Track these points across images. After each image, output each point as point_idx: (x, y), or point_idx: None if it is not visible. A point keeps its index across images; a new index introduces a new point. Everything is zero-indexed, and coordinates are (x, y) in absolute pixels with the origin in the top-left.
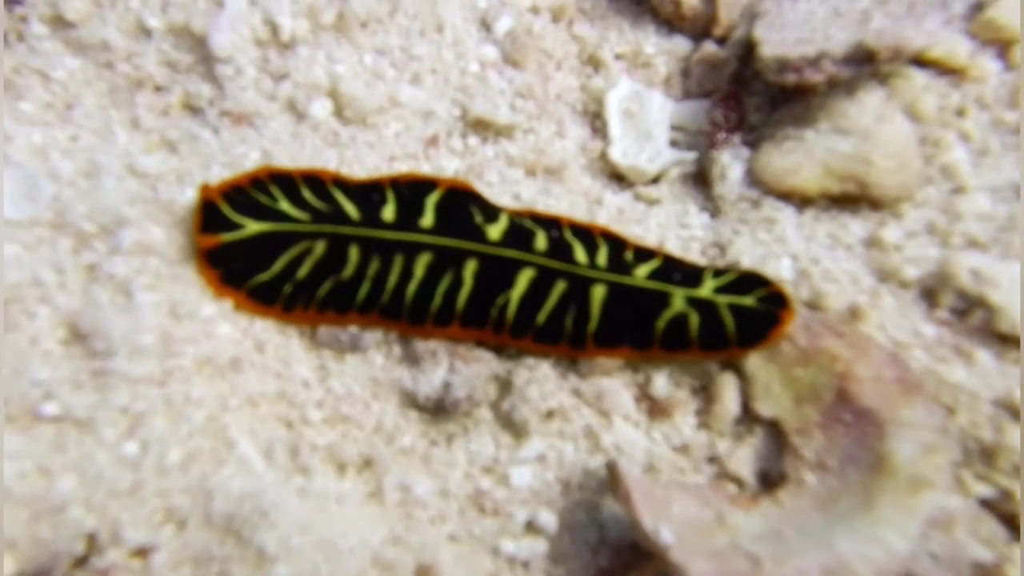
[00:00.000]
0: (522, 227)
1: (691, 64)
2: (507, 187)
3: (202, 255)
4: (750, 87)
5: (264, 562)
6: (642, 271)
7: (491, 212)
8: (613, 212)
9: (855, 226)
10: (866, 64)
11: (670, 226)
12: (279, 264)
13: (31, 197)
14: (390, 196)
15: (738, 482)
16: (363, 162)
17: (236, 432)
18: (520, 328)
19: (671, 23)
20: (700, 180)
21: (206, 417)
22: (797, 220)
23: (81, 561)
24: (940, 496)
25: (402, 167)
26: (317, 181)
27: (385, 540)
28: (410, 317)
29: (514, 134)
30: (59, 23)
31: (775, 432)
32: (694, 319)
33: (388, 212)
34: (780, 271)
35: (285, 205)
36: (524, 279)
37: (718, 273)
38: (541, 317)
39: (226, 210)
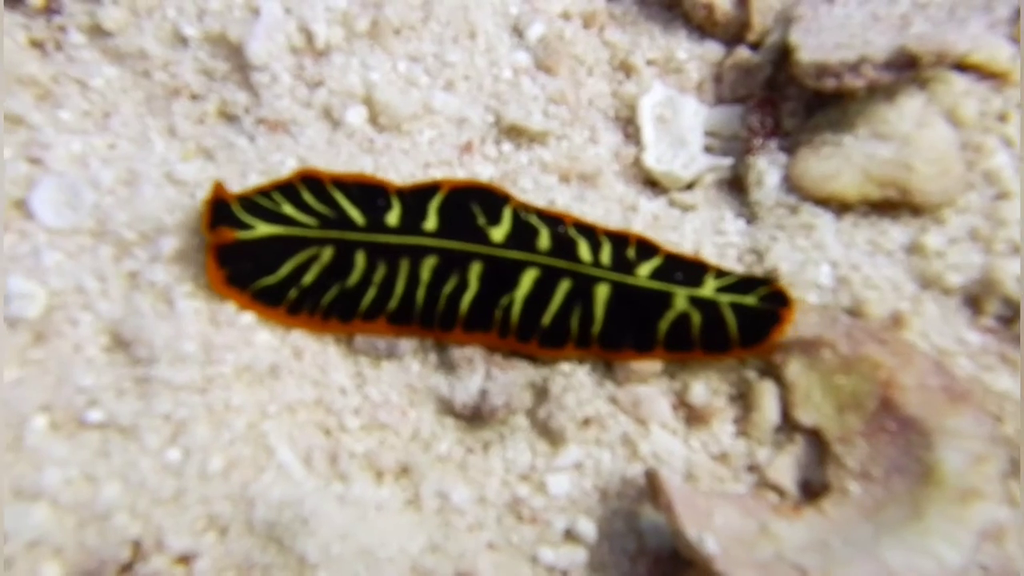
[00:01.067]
0: (527, 224)
1: (723, 69)
2: (541, 193)
3: (212, 251)
4: (784, 92)
5: (305, 570)
6: (644, 269)
7: (496, 213)
8: (648, 218)
9: (895, 232)
10: (908, 69)
11: (706, 232)
12: (286, 269)
13: (73, 205)
14: (395, 202)
15: (779, 491)
16: (398, 169)
17: (275, 439)
18: (526, 331)
19: (703, 28)
20: (735, 186)
21: (246, 424)
22: (836, 226)
23: (126, 568)
24: (991, 507)
25: (437, 174)
26: (317, 184)
27: (424, 548)
28: (419, 322)
29: (548, 140)
30: (97, 32)
31: (816, 440)
32: (696, 319)
33: (392, 216)
34: (819, 277)
35: (289, 208)
36: (528, 279)
37: (720, 273)
38: (547, 319)
39: (237, 209)
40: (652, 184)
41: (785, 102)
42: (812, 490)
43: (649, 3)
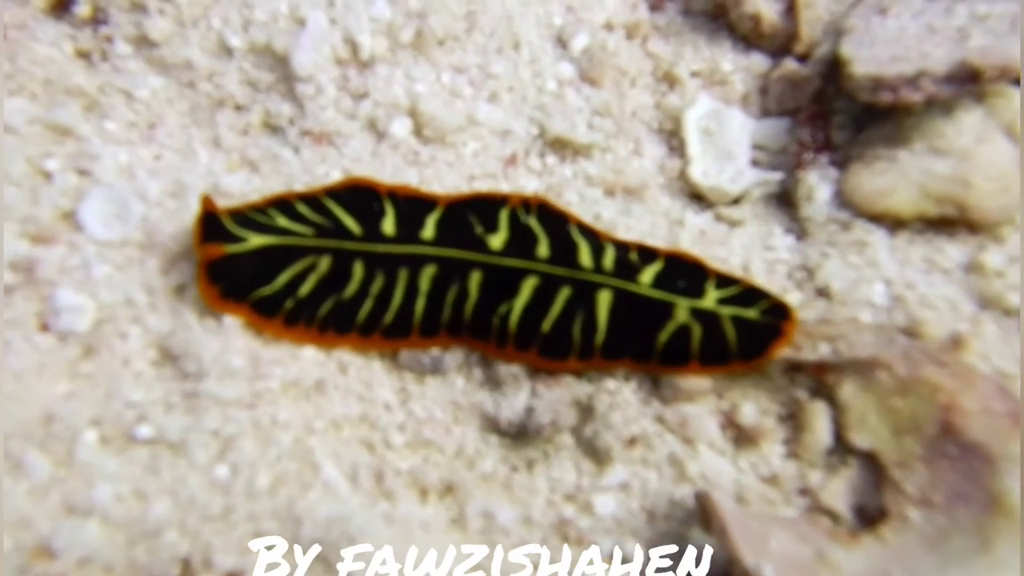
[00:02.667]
0: (526, 230)
1: (770, 82)
2: (587, 207)
3: (203, 267)
4: (832, 105)
5: None
6: (647, 276)
7: (493, 220)
8: (695, 233)
9: (952, 250)
10: (969, 83)
11: (754, 248)
12: (283, 279)
13: (122, 217)
14: (389, 209)
15: (833, 516)
16: (443, 181)
17: (321, 455)
18: (525, 340)
19: (748, 40)
20: (783, 201)
21: (293, 440)
22: (890, 243)
23: None
24: None
25: (482, 186)
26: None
27: (469, 568)
28: (419, 332)
29: (592, 153)
30: (143, 42)
31: (871, 464)
32: (696, 332)
33: (388, 225)
34: (872, 296)
35: (283, 220)
36: (528, 288)
37: (721, 280)
38: (546, 326)
39: (228, 223)
40: (698, 198)
41: (834, 116)
42: (867, 516)
43: (693, 14)
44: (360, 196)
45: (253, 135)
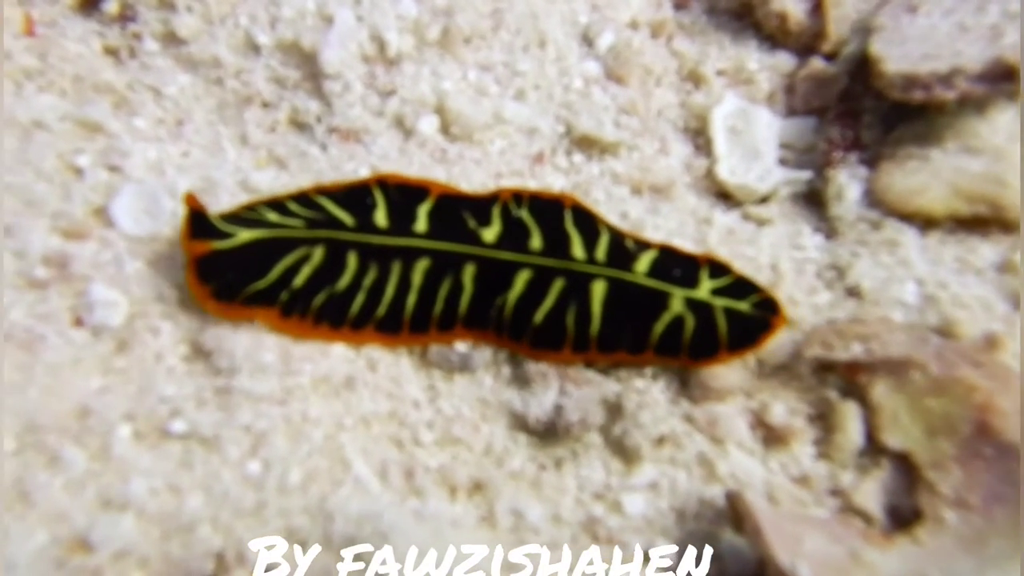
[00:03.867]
0: (518, 223)
1: (796, 80)
2: (614, 205)
3: (192, 264)
4: (860, 104)
5: None
6: (642, 264)
7: (483, 215)
8: (723, 232)
9: (985, 250)
10: (1004, 81)
11: (782, 247)
12: (276, 271)
13: (152, 213)
14: (380, 201)
15: (865, 517)
16: (470, 179)
17: (351, 452)
18: (518, 330)
19: (774, 39)
20: (811, 199)
21: (323, 436)
22: (921, 243)
23: None
24: None
25: (508, 184)
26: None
27: (499, 567)
28: (411, 326)
29: (619, 151)
30: (171, 40)
31: (904, 465)
32: (690, 323)
33: (380, 218)
34: (904, 295)
35: (274, 216)
36: (521, 281)
37: (714, 268)
38: (539, 317)
39: (215, 220)
40: (724, 197)
41: (862, 114)
42: (901, 517)
43: (718, 12)
44: (350, 191)
45: (280, 132)
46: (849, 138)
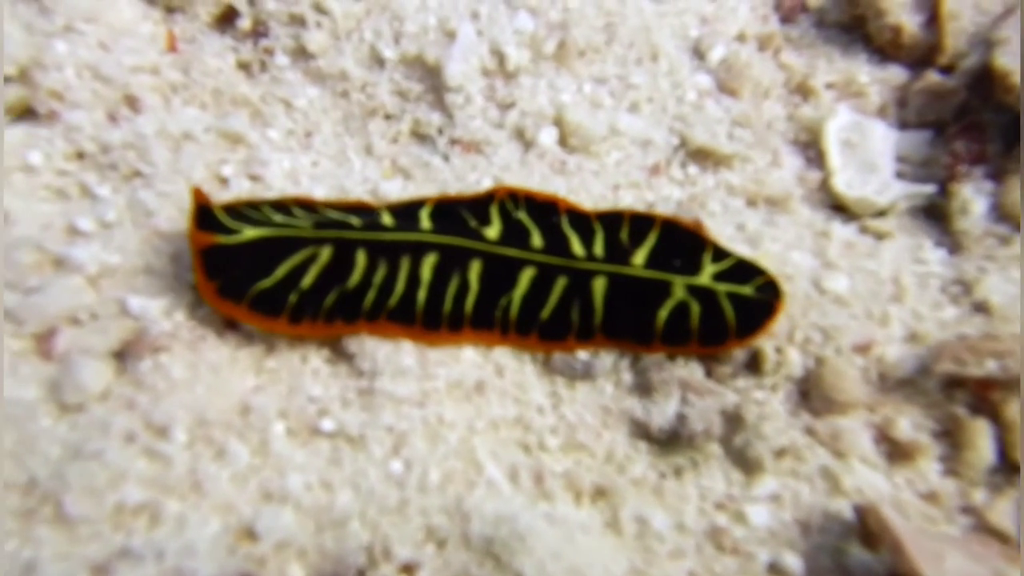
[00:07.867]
0: (518, 223)
1: (909, 93)
2: (730, 217)
3: (198, 258)
4: (979, 118)
5: None
6: (640, 257)
7: (482, 215)
8: (842, 245)
9: None
10: None
11: (904, 261)
12: (282, 271)
13: None
14: (383, 210)
15: (1002, 537)
16: (589, 190)
17: (483, 455)
18: (525, 327)
19: (884, 51)
20: (931, 213)
21: (458, 439)
22: None
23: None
24: None
25: (626, 196)
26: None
27: (627, 573)
28: (423, 323)
29: (734, 163)
30: (300, 54)
31: None
32: (695, 309)
33: (386, 219)
34: None
35: (279, 217)
36: (526, 279)
37: (717, 252)
38: (545, 313)
39: (221, 215)
40: (839, 209)
41: (986, 128)
42: None
43: (827, 26)
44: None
45: (403, 143)
46: (975, 151)
